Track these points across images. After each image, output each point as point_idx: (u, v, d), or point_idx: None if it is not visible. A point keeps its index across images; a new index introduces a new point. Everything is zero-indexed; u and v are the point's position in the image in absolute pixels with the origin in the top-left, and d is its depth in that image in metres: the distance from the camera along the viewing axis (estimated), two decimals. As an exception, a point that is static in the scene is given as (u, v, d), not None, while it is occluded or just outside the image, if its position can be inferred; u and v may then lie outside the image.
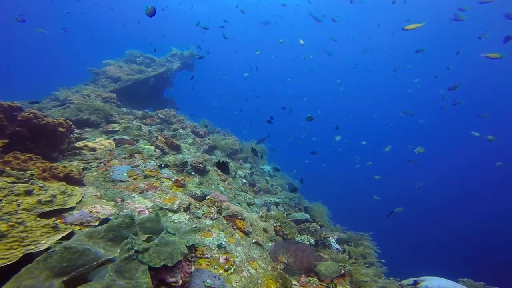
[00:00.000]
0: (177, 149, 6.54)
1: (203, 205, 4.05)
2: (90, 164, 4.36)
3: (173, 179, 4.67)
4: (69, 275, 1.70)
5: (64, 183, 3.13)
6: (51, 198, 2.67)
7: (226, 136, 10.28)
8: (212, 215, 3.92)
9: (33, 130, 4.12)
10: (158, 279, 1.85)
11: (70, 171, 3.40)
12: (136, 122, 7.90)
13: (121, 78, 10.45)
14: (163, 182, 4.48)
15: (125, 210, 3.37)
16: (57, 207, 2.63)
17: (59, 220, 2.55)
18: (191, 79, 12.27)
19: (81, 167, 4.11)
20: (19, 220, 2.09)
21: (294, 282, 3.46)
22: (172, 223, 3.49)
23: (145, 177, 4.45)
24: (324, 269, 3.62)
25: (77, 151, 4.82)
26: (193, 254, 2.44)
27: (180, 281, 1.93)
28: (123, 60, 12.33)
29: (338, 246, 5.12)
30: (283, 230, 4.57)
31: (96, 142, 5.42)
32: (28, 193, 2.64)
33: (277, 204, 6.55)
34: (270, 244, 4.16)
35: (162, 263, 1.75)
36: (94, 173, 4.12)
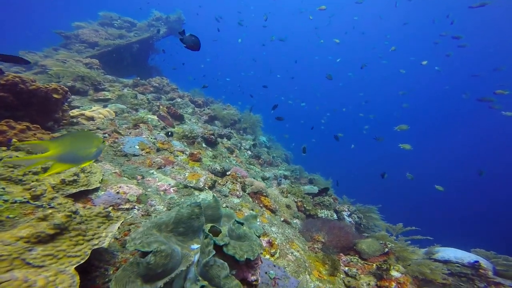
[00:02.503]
0: (180, 119, 6.03)
1: (226, 182, 3.80)
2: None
3: (187, 153, 4.31)
4: (163, 281, 1.46)
5: None
6: (75, 177, 2.25)
7: (225, 106, 9.74)
8: (238, 193, 3.70)
9: (20, 96, 3.45)
10: (240, 278, 1.66)
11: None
12: (128, 90, 7.11)
13: (99, 43, 9.19)
14: (178, 156, 4.11)
15: (149, 190, 3.03)
16: (82, 188, 2.24)
17: (88, 203, 2.18)
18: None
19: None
20: (69, 208, 1.71)
21: (336, 262, 3.38)
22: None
23: (158, 150, 4.04)
24: (366, 247, 3.46)
25: (74, 120, 4.21)
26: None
27: (260, 278, 1.75)
28: (97, 23, 10.76)
29: (351, 220, 5.23)
30: (305, 205, 4.51)
31: (93, 110, 4.77)
32: (46, 170, 2.19)
33: (286, 177, 6.49)
34: (295, 221, 4.10)
35: (245, 256, 1.53)
36: (102, 146, 3.63)
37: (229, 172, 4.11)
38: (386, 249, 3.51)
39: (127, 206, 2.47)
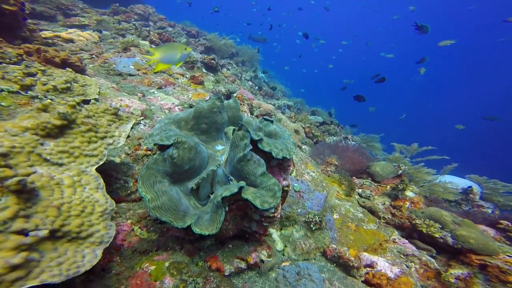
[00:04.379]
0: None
1: (234, 102, 3.57)
2: (78, 55, 3.39)
3: (187, 76, 3.95)
4: (194, 182, 1.32)
5: (70, 70, 2.34)
6: (67, 85, 1.97)
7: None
8: (245, 114, 3.52)
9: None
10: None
11: (67, 56, 2.54)
12: (108, 17, 6.20)
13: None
14: (178, 79, 3.76)
15: (152, 107, 2.80)
16: (79, 97, 1.99)
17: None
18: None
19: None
20: (71, 101, 1.48)
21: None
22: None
23: (155, 72, 3.67)
24: (380, 169, 3.38)
25: (49, 41, 3.67)
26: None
27: (290, 184, 1.61)
28: None
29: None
30: (313, 131, 4.42)
31: (71, 33, 4.16)
32: (31, 76, 1.89)
33: (289, 107, 6.29)
34: (303, 147, 4.04)
35: (281, 154, 1.34)
36: (90, 65, 3.24)
37: (235, 94, 3.85)
38: (400, 171, 3.45)
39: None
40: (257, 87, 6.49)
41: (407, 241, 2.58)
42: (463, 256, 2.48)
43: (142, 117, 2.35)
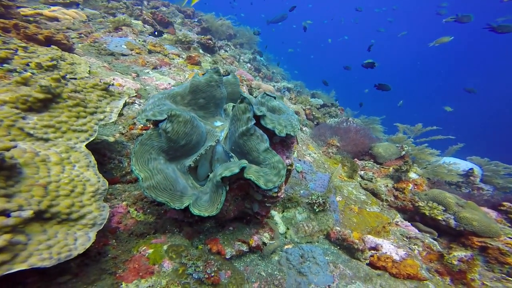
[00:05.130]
0: (169, 26, 5.17)
1: (232, 84, 3.42)
2: (65, 34, 3.19)
3: (183, 56, 3.77)
4: (192, 159, 1.22)
5: (56, 47, 2.18)
6: (53, 62, 1.82)
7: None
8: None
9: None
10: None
11: (51, 33, 2.37)
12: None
13: None
14: (174, 59, 3.59)
15: (147, 87, 2.66)
16: (71, 77, 1.85)
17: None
18: None
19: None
20: (55, 74, 1.36)
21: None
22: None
23: (150, 52, 3.49)
24: (383, 150, 3.28)
25: (30, 19, 3.44)
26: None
27: (293, 163, 1.52)
28: None
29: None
30: (313, 113, 4.30)
31: (54, 10, 3.90)
32: (8, 50, 1.74)
33: (289, 90, 6.13)
34: (304, 129, 3.93)
35: (285, 131, 1.24)
36: (79, 44, 3.06)
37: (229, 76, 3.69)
38: (403, 152, 3.35)
39: (127, 99, 2.15)
40: (255, 70, 6.29)
41: (409, 224, 2.55)
42: (464, 238, 2.47)
43: (136, 95, 2.22)
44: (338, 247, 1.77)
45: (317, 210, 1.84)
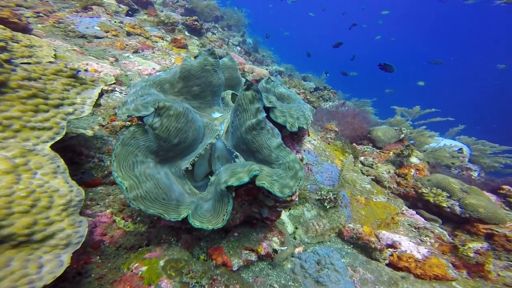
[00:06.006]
0: (148, 6, 4.68)
1: (224, 68, 3.14)
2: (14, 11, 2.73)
3: (167, 39, 3.40)
4: (189, 159, 0.98)
5: (2, 26, 1.79)
6: (2, 43, 1.48)
7: None
8: (238, 80, 3.11)
9: None
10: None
11: None
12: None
13: None
14: (157, 42, 3.23)
15: (128, 73, 2.34)
16: (23, 61, 1.51)
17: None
18: None
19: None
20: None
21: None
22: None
23: (129, 34, 3.10)
24: (382, 134, 3.17)
25: None
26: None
27: (303, 158, 1.30)
28: None
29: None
30: (307, 97, 4.10)
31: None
32: None
33: (280, 73, 5.86)
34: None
35: (297, 125, 1.04)
36: (39, 24, 2.64)
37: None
38: (402, 135, 3.27)
39: (104, 87, 1.84)
40: (245, 53, 5.94)
41: (414, 212, 2.46)
42: (469, 225, 2.40)
43: (115, 81, 1.91)
44: (352, 246, 1.64)
45: (328, 206, 1.68)
